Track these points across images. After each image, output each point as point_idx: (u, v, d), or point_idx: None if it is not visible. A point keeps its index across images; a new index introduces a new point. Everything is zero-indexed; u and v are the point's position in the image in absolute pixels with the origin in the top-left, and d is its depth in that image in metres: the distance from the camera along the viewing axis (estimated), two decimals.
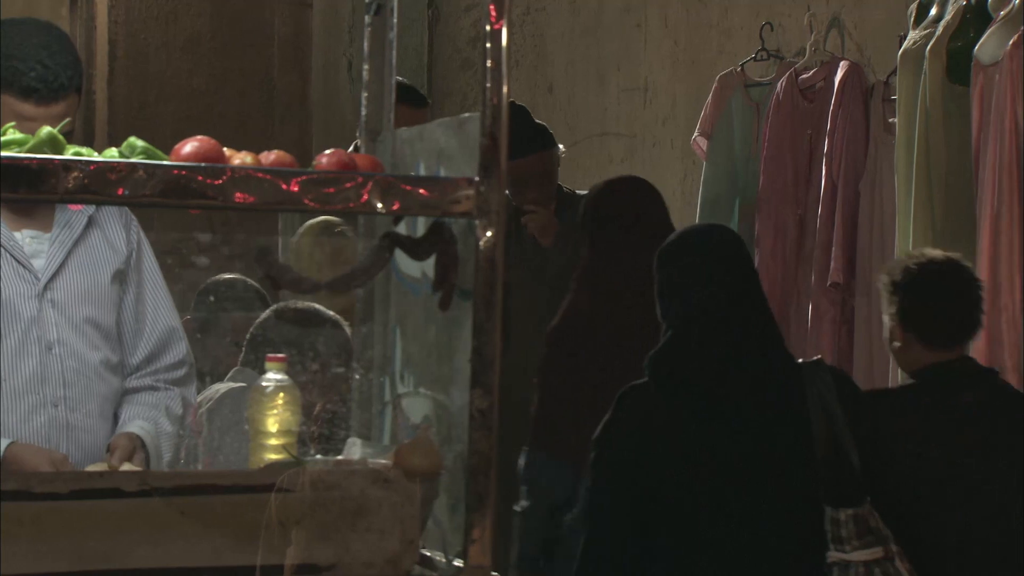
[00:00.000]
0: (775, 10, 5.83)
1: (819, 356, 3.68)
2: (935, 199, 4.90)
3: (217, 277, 4.64)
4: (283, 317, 4.10)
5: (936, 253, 3.98)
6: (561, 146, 5.48)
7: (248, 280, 4.68)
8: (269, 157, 2.68)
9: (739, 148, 5.74)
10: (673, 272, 3.51)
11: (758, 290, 3.52)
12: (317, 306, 4.11)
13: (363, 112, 3.22)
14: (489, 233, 2.55)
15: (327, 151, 2.74)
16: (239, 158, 2.66)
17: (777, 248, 5.52)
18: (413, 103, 5.03)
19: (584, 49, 6.86)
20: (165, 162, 2.55)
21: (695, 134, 5.88)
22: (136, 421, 3.37)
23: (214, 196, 2.48)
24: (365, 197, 2.54)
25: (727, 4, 6.13)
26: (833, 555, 3.30)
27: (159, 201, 2.47)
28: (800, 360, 3.49)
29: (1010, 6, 4.70)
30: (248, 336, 4.25)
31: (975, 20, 4.84)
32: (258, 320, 4.20)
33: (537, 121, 5.42)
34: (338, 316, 4.07)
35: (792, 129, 5.52)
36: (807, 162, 5.49)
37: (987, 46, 4.71)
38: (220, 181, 2.48)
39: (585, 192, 5.33)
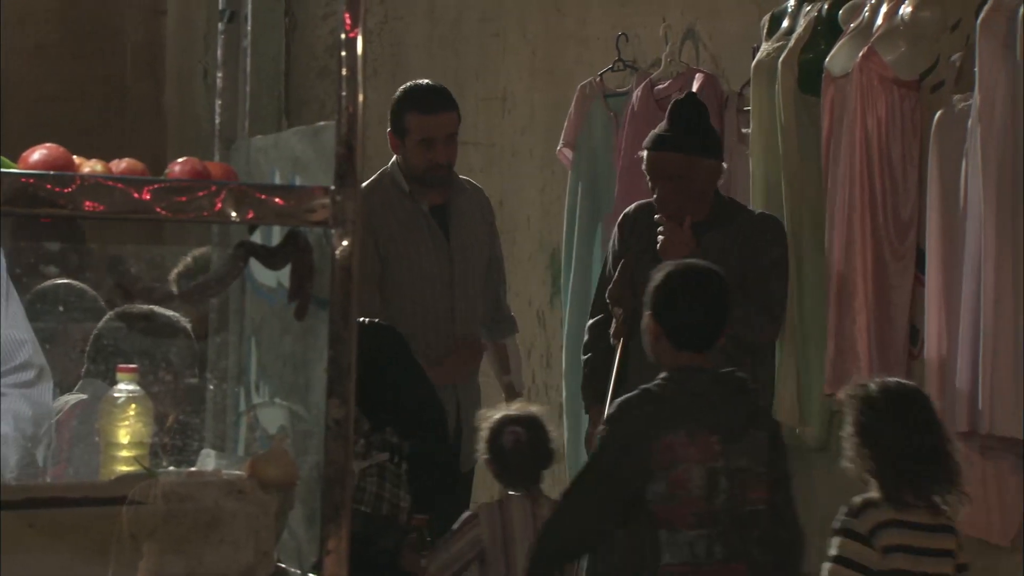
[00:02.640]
0: (631, 20, 5.87)
1: None
2: (787, 206, 4.97)
3: (46, 284, 4.49)
4: (131, 325, 4.03)
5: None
6: (724, 164, 4.82)
7: (77, 284, 4.53)
8: (120, 165, 2.65)
9: (601, 158, 5.76)
10: None
11: None
12: (160, 310, 4.03)
13: (217, 120, 3.20)
14: (345, 242, 2.54)
15: (180, 159, 2.71)
16: (89, 166, 2.62)
17: None
18: None
19: (442, 58, 6.86)
20: (13, 170, 2.51)
21: (560, 144, 5.88)
22: None
23: (64, 204, 2.44)
24: (219, 206, 2.51)
25: (584, 14, 6.16)
26: None
27: (7, 209, 2.42)
28: None
29: (860, 19, 4.79)
30: (91, 344, 4.16)
31: (826, 33, 4.92)
32: (98, 327, 4.11)
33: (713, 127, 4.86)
34: (181, 318, 3.99)
35: None
36: None
37: (837, 58, 4.79)
38: (70, 189, 2.45)
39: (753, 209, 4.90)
